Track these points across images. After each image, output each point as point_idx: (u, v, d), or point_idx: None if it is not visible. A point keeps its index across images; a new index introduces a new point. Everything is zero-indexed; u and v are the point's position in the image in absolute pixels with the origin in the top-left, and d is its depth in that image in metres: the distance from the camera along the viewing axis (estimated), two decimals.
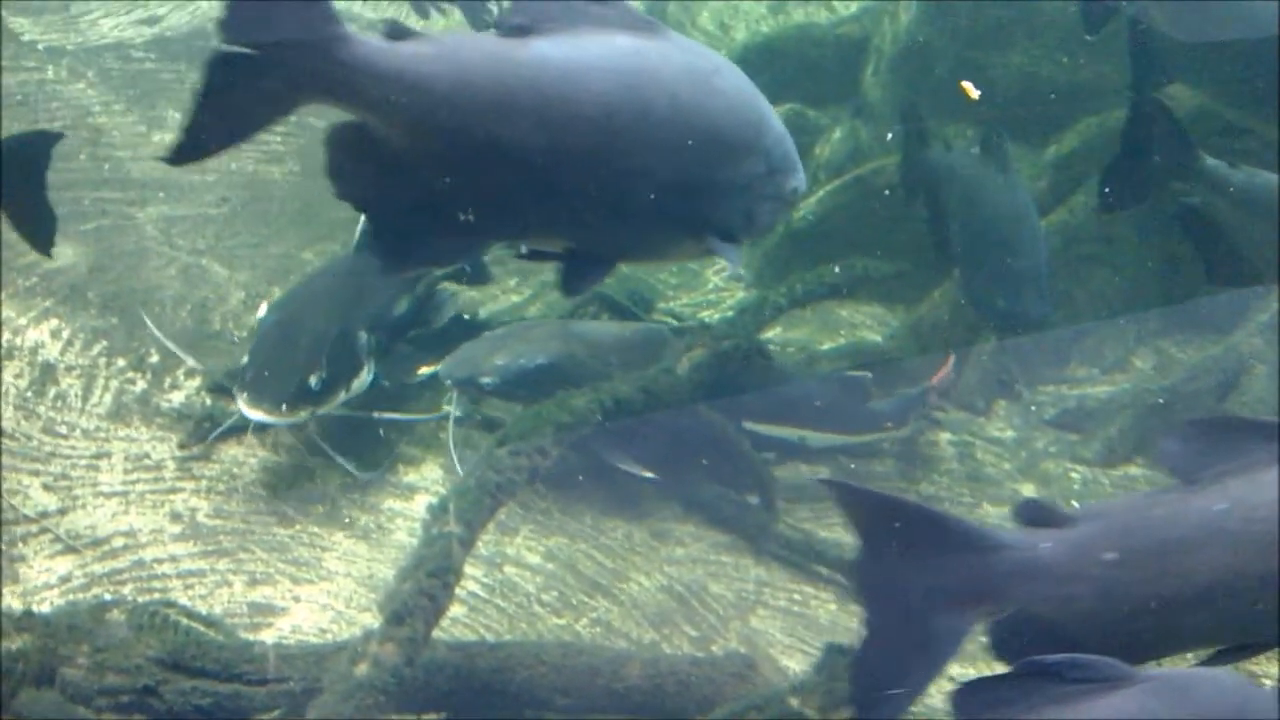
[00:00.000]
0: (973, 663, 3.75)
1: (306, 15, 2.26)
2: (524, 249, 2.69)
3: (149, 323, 4.50)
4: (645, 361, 4.43)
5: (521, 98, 2.39)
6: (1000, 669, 2.25)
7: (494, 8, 6.11)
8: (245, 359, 4.20)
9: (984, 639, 2.41)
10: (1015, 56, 6.09)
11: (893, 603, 2.41)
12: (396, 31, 2.38)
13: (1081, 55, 6.02)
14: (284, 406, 4.02)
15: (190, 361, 4.51)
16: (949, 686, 3.60)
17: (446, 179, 2.40)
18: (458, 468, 4.36)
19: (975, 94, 5.86)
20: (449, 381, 4.38)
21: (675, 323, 5.31)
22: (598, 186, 2.50)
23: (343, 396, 4.22)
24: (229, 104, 2.29)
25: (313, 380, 4.09)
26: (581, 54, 2.46)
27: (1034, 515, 2.43)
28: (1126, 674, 2.08)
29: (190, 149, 2.30)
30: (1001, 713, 2.09)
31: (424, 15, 6.71)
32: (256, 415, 4.02)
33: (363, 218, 4.38)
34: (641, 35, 2.53)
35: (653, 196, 2.53)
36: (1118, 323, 5.73)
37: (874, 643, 2.45)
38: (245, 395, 4.04)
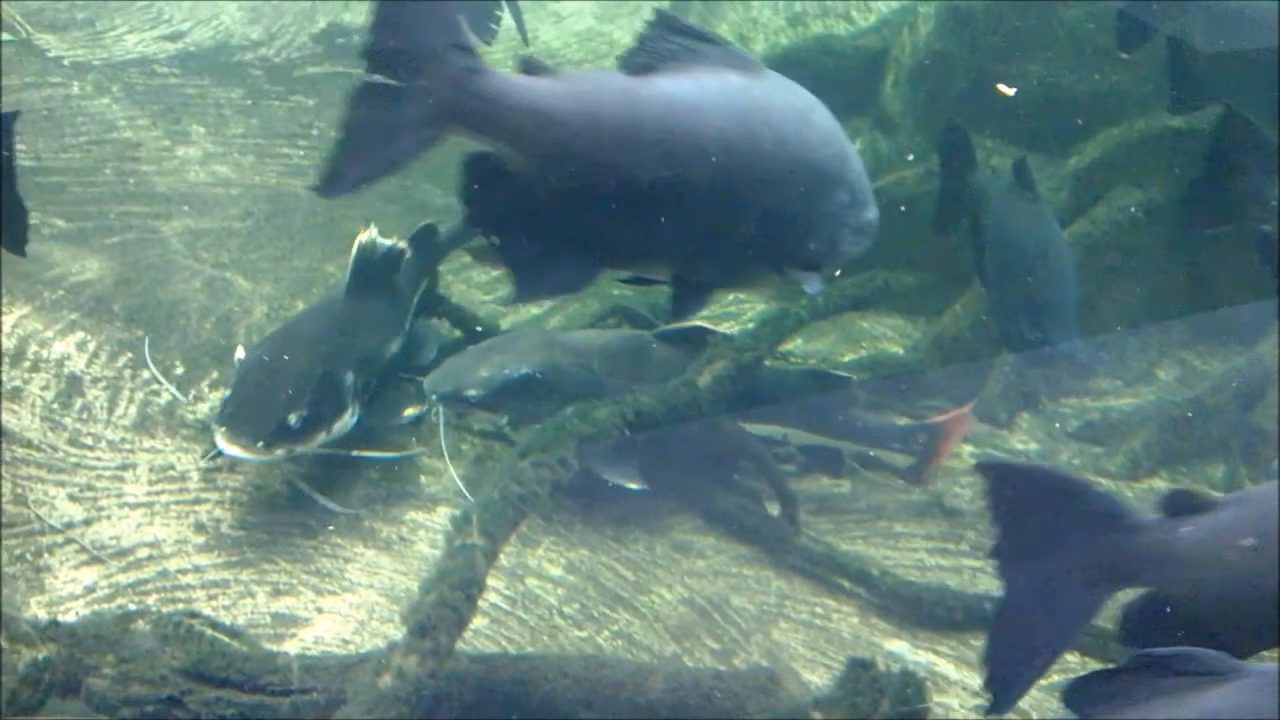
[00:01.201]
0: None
1: (447, 49, 2.38)
2: (629, 276, 2.84)
3: (147, 356, 4.45)
4: (630, 369, 4.44)
5: (646, 132, 2.53)
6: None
7: (496, 21, 6.17)
8: (228, 392, 4.15)
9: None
10: (1034, 67, 6.09)
11: (1029, 577, 2.48)
12: (531, 66, 2.53)
13: (1101, 65, 6.01)
14: (260, 444, 3.92)
15: (176, 394, 4.47)
16: (974, 702, 3.58)
17: (573, 208, 2.52)
18: (458, 482, 4.37)
19: (1010, 91, 5.86)
20: (434, 396, 4.35)
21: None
22: (709, 217, 2.62)
23: (323, 437, 4.11)
24: (372, 135, 2.39)
25: (292, 419, 3.99)
26: (700, 92, 2.59)
27: (1180, 504, 2.47)
28: (1236, 668, 2.08)
29: (336, 181, 2.41)
30: (1112, 706, 2.11)
31: None
32: (232, 450, 3.93)
33: (354, 255, 4.39)
34: (747, 73, 2.67)
35: (756, 227, 2.67)
36: (1141, 334, 5.70)
37: (1007, 616, 2.53)
38: (223, 429, 3.95)
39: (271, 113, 6.63)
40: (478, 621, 3.64)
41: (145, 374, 4.65)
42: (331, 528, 4.17)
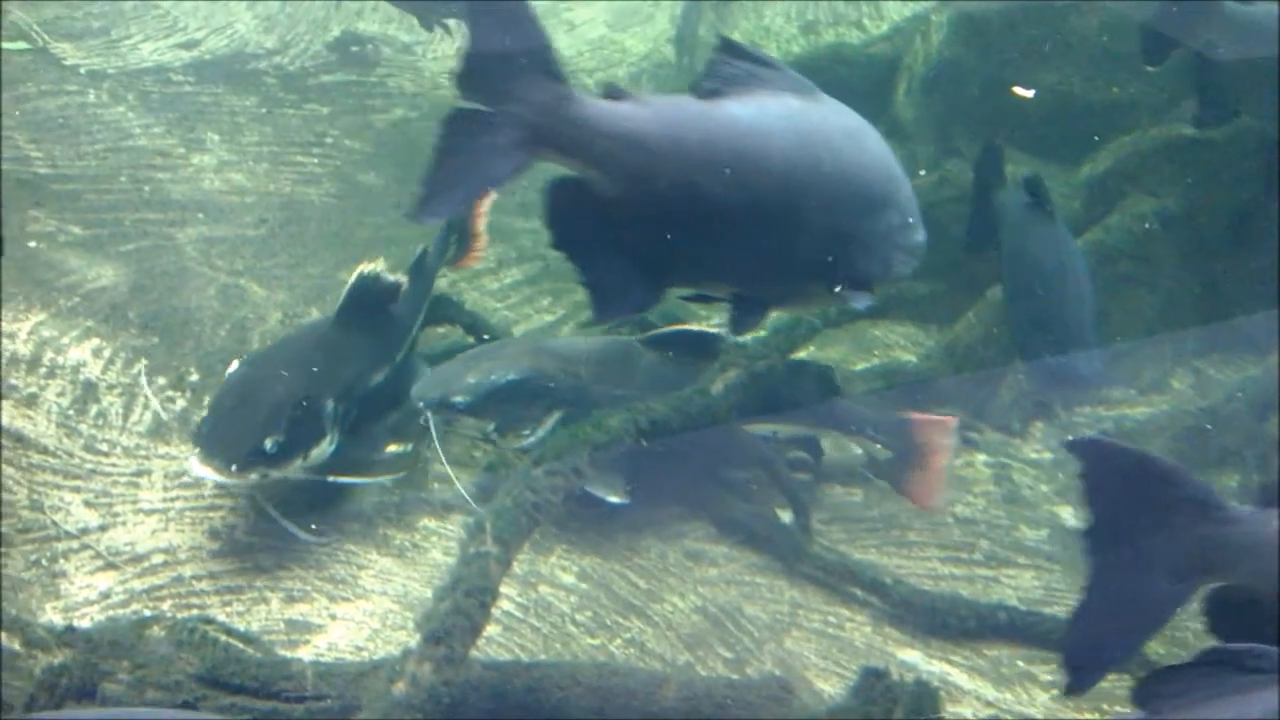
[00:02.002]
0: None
1: (537, 75, 2.45)
2: (692, 294, 2.92)
3: (144, 381, 4.39)
4: (616, 373, 4.44)
5: (720, 154, 2.62)
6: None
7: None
8: (204, 414, 4.08)
9: None
10: (1047, 75, 6.09)
11: (1119, 561, 2.47)
12: (613, 92, 2.61)
13: (1113, 73, 6.00)
14: (234, 467, 3.83)
15: (162, 414, 4.40)
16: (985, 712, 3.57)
17: (649, 228, 2.61)
18: (460, 488, 4.37)
19: (1029, 94, 5.86)
20: (421, 404, 4.32)
21: None
22: (773, 236, 2.71)
23: (300, 463, 4.00)
24: (465, 160, 2.45)
25: (268, 444, 3.89)
26: (766, 115, 2.69)
27: (1275, 497, 2.47)
28: None
29: (429, 205, 2.47)
30: (1181, 704, 2.09)
31: (428, 28, 6.77)
32: (204, 472, 3.83)
33: (353, 279, 4.37)
34: (804, 97, 2.77)
35: (814, 246, 2.76)
36: (1155, 343, 5.68)
37: (1092, 602, 2.52)
38: (198, 451, 3.86)
39: (286, 121, 6.66)
40: (490, 629, 3.64)
41: (161, 380, 4.67)
42: (326, 538, 4.18)
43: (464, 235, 5.02)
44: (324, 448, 4.07)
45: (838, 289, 2.88)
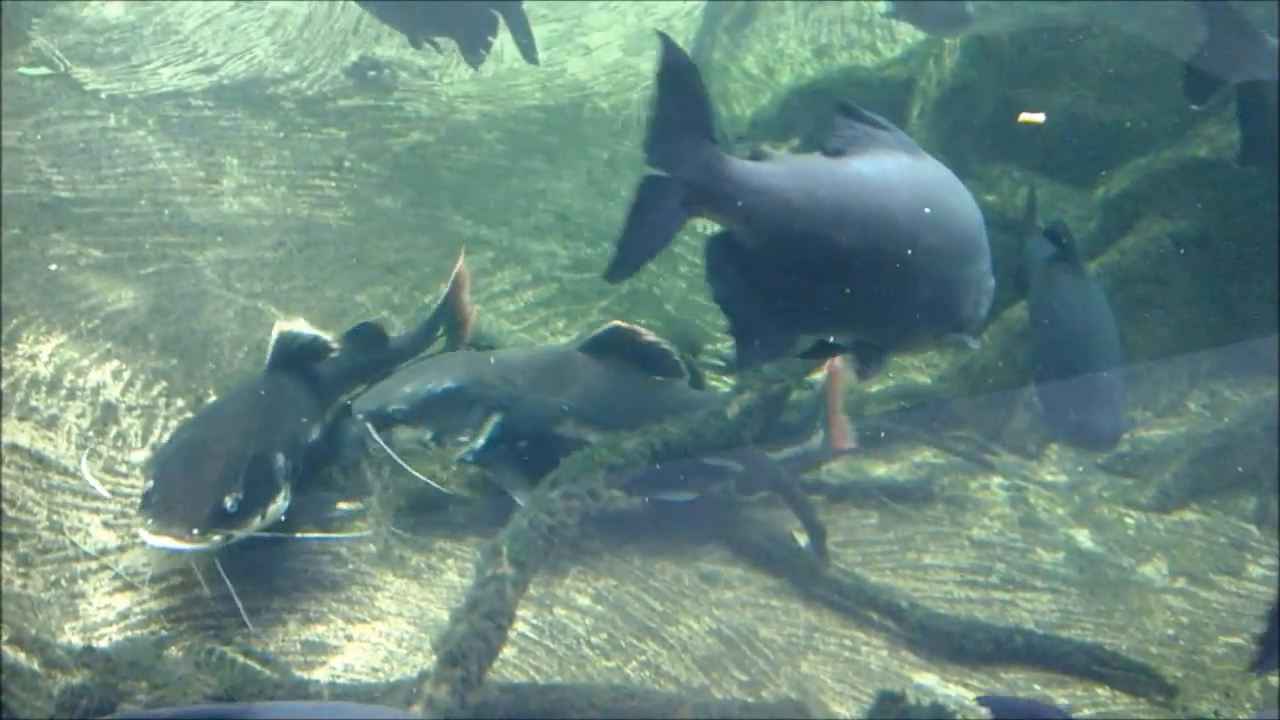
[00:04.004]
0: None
1: (699, 139, 2.70)
2: (813, 345, 3.12)
3: (85, 468, 4.19)
4: (554, 381, 4.45)
5: (853, 209, 2.83)
6: None
7: (487, 47, 6.22)
8: (148, 483, 3.76)
9: None
10: (1060, 97, 6.11)
11: None
12: (757, 154, 2.83)
13: (1126, 96, 6.02)
14: (195, 530, 3.58)
15: (102, 491, 4.18)
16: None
17: (788, 279, 2.83)
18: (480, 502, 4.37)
19: (1039, 119, 5.88)
20: (360, 416, 4.31)
21: (722, 364, 5.33)
22: (896, 284, 2.92)
23: (258, 522, 3.79)
24: (648, 222, 2.72)
25: (228, 502, 3.66)
26: (886, 172, 2.92)
27: None
28: None
29: (622, 266, 2.78)
30: None
31: (416, 47, 6.84)
32: (162, 541, 3.57)
33: (275, 337, 4.33)
34: (910, 154, 2.98)
35: (929, 292, 2.97)
36: (1171, 365, 5.67)
37: None
38: (150, 521, 3.60)
39: (304, 145, 6.72)
40: (506, 651, 3.64)
41: (180, 402, 4.70)
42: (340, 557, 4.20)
43: (453, 322, 4.91)
44: (280, 504, 3.88)
45: (944, 334, 3.11)
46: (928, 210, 2.93)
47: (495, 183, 6.76)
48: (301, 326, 4.35)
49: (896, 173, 2.92)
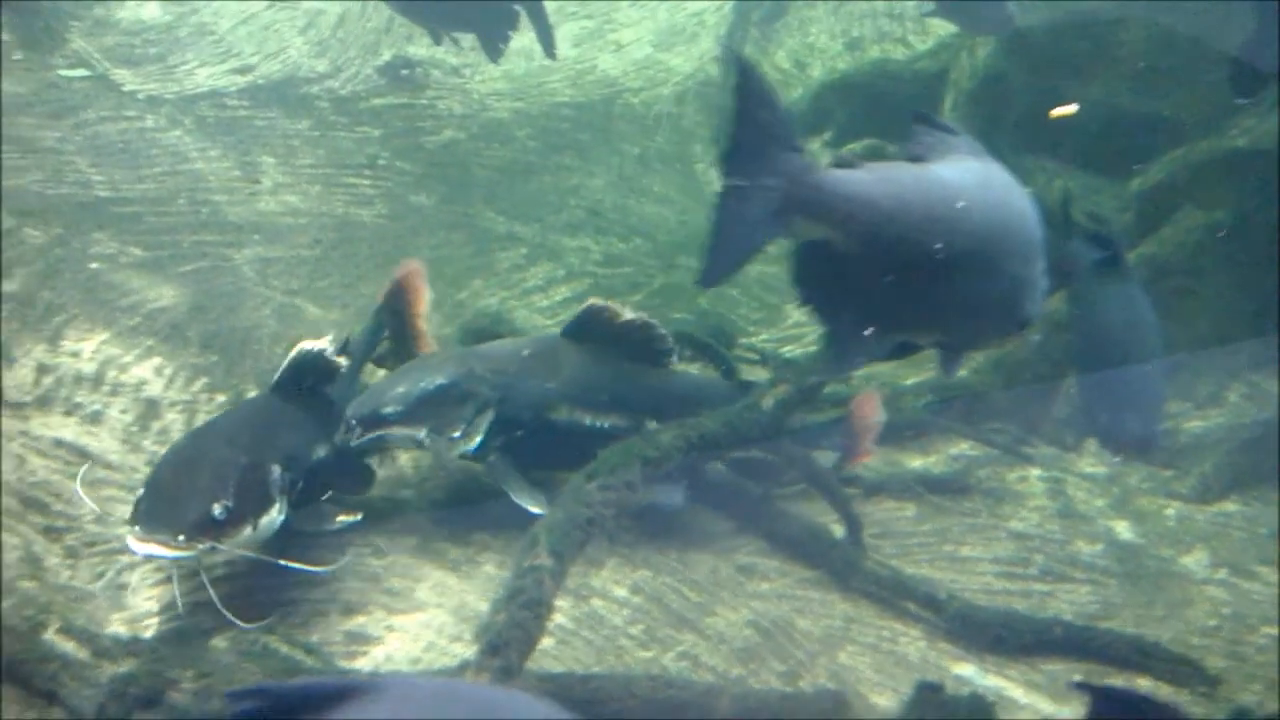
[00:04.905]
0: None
1: (785, 151, 2.81)
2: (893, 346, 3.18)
3: (79, 488, 4.00)
4: (544, 367, 4.42)
5: (937, 213, 2.93)
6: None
7: (505, 41, 6.24)
8: (139, 491, 3.69)
9: None
10: (1094, 88, 6.07)
11: None
12: (844, 161, 2.93)
13: (1161, 87, 5.97)
14: (180, 536, 3.47)
15: (97, 510, 4.04)
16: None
17: (880, 283, 2.91)
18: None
19: (1072, 110, 5.85)
20: (354, 420, 4.20)
21: (756, 358, 5.33)
22: (975, 284, 3.03)
23: (249, 533, 3.66)
24: (735, 231, 2.81)
25: (216, 509, 3.55)
26: (963, 175, 3.03)
27: None
28: None
29: (711, 274, 2.87)
30: None
31: (437, 42, 6.87)
32: (146, 549, 3.48)
33: (287, 358, 4.23)
34: (978, 158, 3.09)
35: (1003, 291, 3.08)
36: (1209, 356, 5.62)
37: None
38: (135, 529, 3.51)
39: (338, 143, 6.78)
40: (544, 641, 3.66)
41: (221, 397, 4.76)
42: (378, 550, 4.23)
43: (402, 336, 4.65)
44: (273, 516, 3.75)
45: (1013, 331, 3.22)
46: (1002, 211, 3.06)
47: (527, 179, 6.80)
48: (320, 344, 4.20)
49: (971, 176, 3.04)
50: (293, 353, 4.20)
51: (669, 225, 6.66)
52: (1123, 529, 4.93)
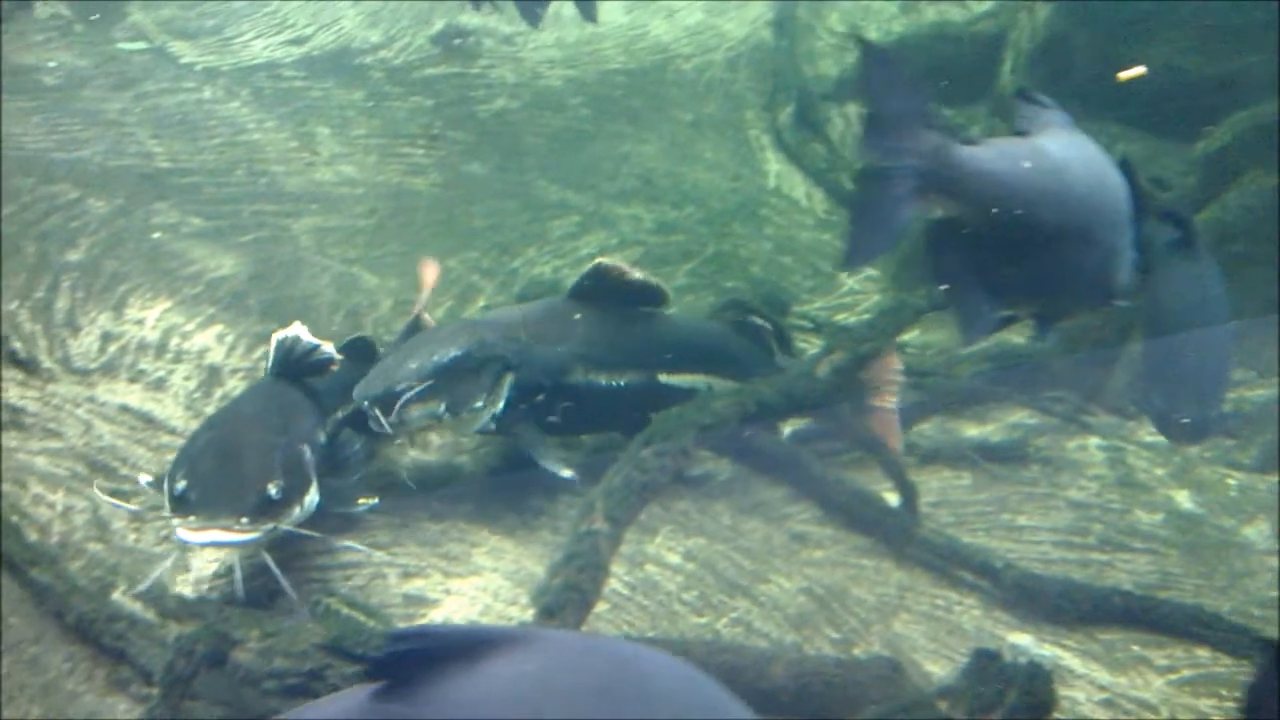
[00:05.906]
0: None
1: (924, 130, 2.85)
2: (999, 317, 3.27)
3: (98, 492, 4.03)
4: (555, 330, 4.36)
5: (1050, 187, 3.03)
6: None
7: (544, 7, 6.21)
8: (179, 484, 3.59)
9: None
10: (1157, 49, 5.93)
11: None
12: (968, 139, 2.99)
13: (1227, 47, 5.82)
14: (245, 520, 3.48)
15: (127, 507, 4.03)
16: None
17: (1003, 255, 3.01)
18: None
19: (1138, 72, 5.73)
20: (365, 402, 4.11)
21: (810, 325, 5.31)
22: (1082, 254, 3.13)
23: (298, 513, 3.68)
24: (876, 212, 2.87)
25: (272, 489, 3.57)
26: (1066, 150, 3.11)
27: None
28: None
29: (854, 257, 3.02)
30: None
31: (476, 8, 6.85)
32: (209, 537, 3.46)
33: (273, 345, 4.19)
34: (1070, 131, 3.17)
35: (1103, 260, 3.19)
36: (1273, 322, 5.50)
37: None
38: (190, 519, 3.47)
39: (392, 113, 6.82)
40: (599, 606, 3.70)
41: None
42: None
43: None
44: (313, 496, 3.77)
45: (1107, 299, 3.31)
46: (1100, 183, 3.16)
47: (580, 147, 6.79)
48: (302, 333, 4.16)
49: (1072, 149, 3.12)
50: (274, 340, 4.17)
51: (721, 192, 6.62)
52: (1183, 499, 4.86)
